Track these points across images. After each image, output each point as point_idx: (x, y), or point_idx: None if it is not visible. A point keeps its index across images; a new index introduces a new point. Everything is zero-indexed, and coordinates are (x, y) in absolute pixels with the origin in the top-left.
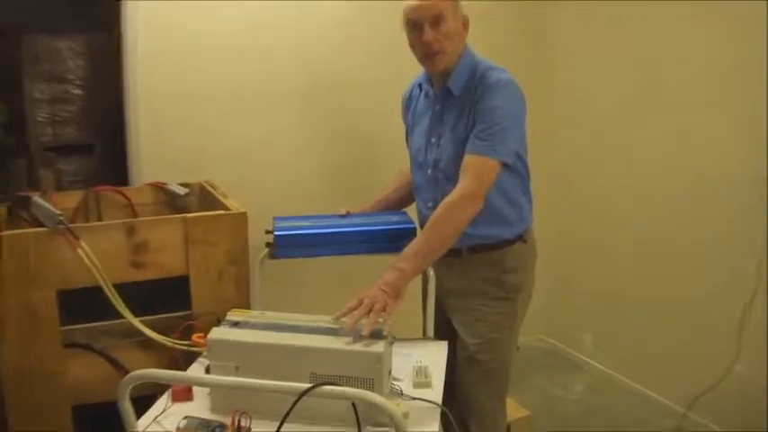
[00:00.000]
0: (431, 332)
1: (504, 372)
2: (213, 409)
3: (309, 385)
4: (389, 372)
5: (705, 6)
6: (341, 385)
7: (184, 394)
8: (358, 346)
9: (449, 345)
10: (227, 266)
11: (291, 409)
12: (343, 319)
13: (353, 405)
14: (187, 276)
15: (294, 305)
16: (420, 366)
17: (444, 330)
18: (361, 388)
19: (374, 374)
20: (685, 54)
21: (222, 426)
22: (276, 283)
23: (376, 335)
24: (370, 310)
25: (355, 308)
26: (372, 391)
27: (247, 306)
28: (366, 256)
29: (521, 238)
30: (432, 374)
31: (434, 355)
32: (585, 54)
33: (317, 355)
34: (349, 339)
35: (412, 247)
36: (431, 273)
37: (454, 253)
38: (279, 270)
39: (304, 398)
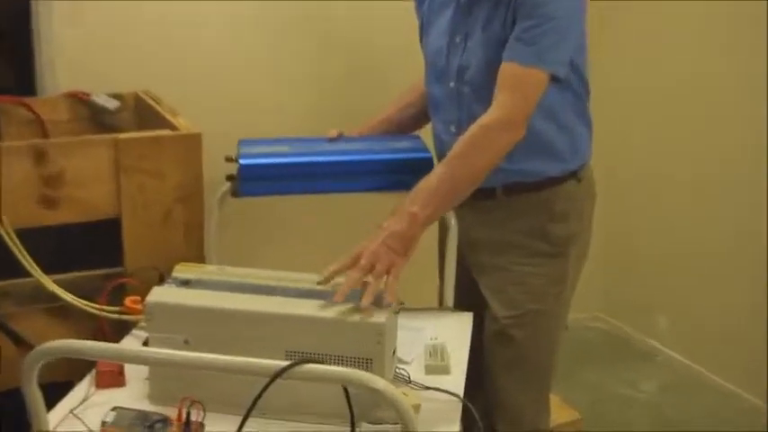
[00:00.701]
0: (450, 300)
1: (546, 356)
2: (153, 398)
3: (286, 363)
4: (393, 351)
5: (703, 6)
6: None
7: (113, 378)
8: (352, 315)
9: (474, 317)
10: (173, 206)
11: (261, 395)
12: (334, 282)
13: (346, 393)
14: (118, 219)
15: (264, 259)
16: (435, 345)
17: (468, 297)
18: None
19: (373, 353)
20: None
21: (165, 420)
22: (240, 230)
23: (376, 301)
24: (369, 272)
25: (349, 267)
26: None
27: (201, 259)
28: (363, 195)
29: (573, 175)
30: (450, 356)
31: (454, 331)
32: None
33: (296, 325)
34: (339, 307)
35: (428, 183)
36: (452, 220)
37: (484, 194)
38: (244, 212)
39: (278, 382)
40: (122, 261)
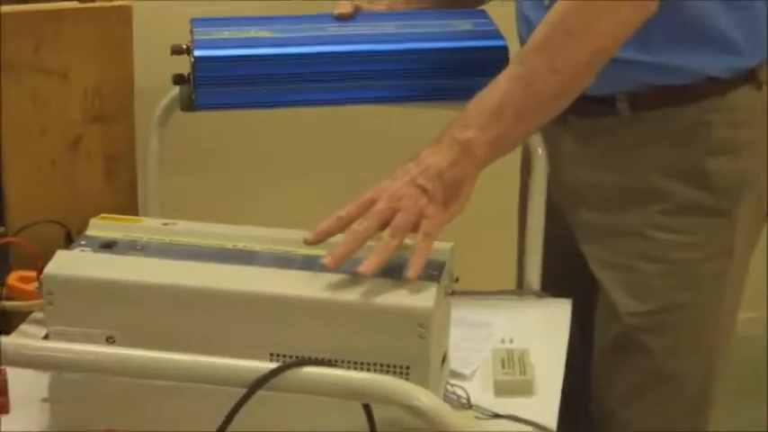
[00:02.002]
0: (536, 279)
1: (701, 379)
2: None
3: (272, 366)
4: (443, 357)
5: None
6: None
7: None
8: (377, 296)
9: (577, 310)
10: (86, 127)
11: (230, 419)
12: (332, 242)
13: (367, 413)
14: None
15: (234, 209)
16: (511, 350)
17: (567, 278)
18: None
19: (412, 357)
20: None
21: None
22: (197, 165)
23: (425, 272)
24: (385, 225)
25: (353, 218)
26: None
27: (133, 209)
28: (391, 108)
29: (752, 77)
30: (535, 368)
31: (542, 328)
32: None
33: (286, 312)
34: (353, 283)
35: (490, 93)
36: (539, 149)
37: (598, 107)
38: (202, 137)
39: (259, 400)
40: (3, 213)
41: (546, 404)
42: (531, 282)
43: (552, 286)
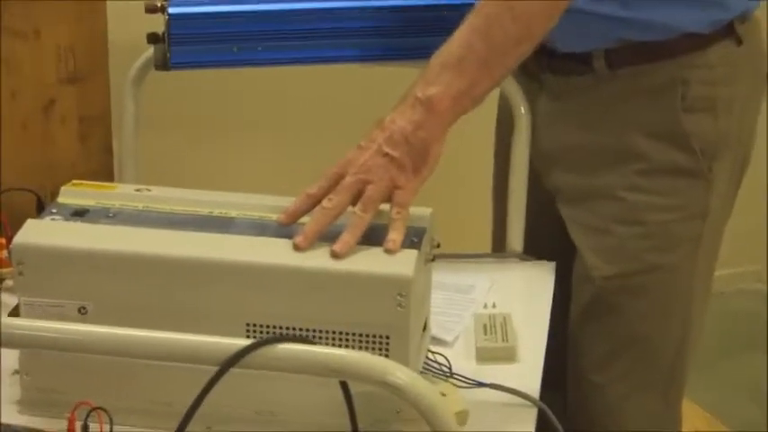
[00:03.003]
0: (518, 241)
1: (674, 341)
2: (26, 404)
3: (246, 342)
4: (424, 325)
5: None
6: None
7: None
8: (355, 264)
9: (559, 271)
10: (59, 88)
11: (202, 397)
12: (303, 220)
13: (344, 390)
14: None
15: (211, 174)
16: (493, 316)
17: (547, 241)
18: None
19: (391, 327)
20: None
21: None
22: (172, 127)
23: (405, 239)
24: (356, 199)
25: (323, 194)
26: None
27: (108, 172)
28: (369, 69)
29: (731, 32)
30: (518, 334)
31: (525, 292)
32: None
33: (263, 282)
34: (329, 252)
35: (450, 47)
36: (521, 108)
37: (574, 64)
38: (177, 98)
39: (232, 377)
40: None
41: (529, 371)
42: (514, 244)
43: (531, 250)
